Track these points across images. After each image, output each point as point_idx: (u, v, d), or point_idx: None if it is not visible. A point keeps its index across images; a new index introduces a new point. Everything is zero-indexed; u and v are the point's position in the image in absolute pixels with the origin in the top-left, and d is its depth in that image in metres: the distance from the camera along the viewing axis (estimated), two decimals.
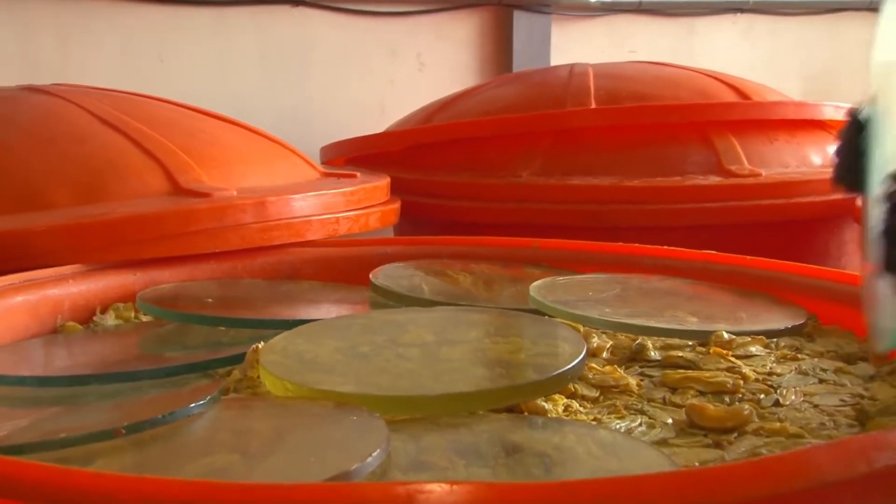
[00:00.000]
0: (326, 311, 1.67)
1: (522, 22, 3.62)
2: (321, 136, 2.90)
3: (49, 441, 1.10)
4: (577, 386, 1.31)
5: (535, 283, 1.68)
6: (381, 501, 0.85)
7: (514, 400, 1.22)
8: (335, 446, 1.08)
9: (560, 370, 1.28)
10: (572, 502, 0.86)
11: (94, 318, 1.70)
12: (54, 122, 2.00)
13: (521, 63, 3.60)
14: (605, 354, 1.47)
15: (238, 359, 1.38)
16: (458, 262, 1.93)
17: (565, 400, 1.26)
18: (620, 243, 1.97)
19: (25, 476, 0.89)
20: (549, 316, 1.53)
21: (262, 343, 1.38)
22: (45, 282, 1.67)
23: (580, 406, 1.27)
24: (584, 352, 1.33)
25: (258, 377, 1.31)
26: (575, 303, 1.61)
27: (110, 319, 1.71)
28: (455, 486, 0.85)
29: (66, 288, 1.71)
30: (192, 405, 1.17)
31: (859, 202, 2.27)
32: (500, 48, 3.63)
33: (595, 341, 1.51)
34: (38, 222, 1.73)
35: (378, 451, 1.02)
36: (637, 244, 1.95)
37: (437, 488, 0.85)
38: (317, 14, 3.24)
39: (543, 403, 1.24)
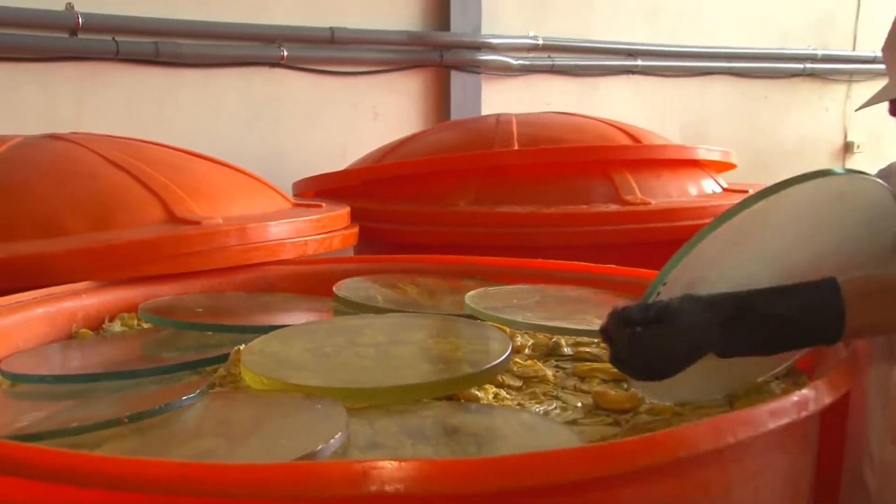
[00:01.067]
0: (297, 318, 1.65)
1: (458, 80, 3.63)
2: (293, 173, 2.88)
3: (63, 429, 1.07)
4: (504, 377, 1.30)
5: (470, 293, 1.68)
6: (342, 477, 0.84)
7: (452, 389, 1.22)
8: (304, 431, 1.07)
9: (490, 364, 1.28)
10: (499, 474, 0.85)
11: (104, 326, 1.68)
12: (70, 164, 1.96)
13: (457, 113, 3.61)
14: (527, 351, 1.48)
15: (223, 359, 1.38)
16: (406, 276, 1.93)
17: (495, 389, 1.26)
18: (540, 259, 1.99)
19: (43, 459, 0.87)
20: (482, 320, 1.53)
21: (243, 345, 1.37)
22: (61, 296, 1.65)
23: (507, 394, 1.26)
24: (510, 349, 1.33)
25: (240, 374, 1.30)
26: (502, 309, 1.60)
27: (117, 327, 1.68)
28: (403, 463, 0.84)
29: (80, 301, 1.67)
30: (184, 398, 1.15)
31: None
32: (440, 101, 3.63)
33: (519, 340, 1.51)
34: (56, 247, 1.71)
35: (339, 434, 1.02)
36: (553, 260, 1.98)
37: (388, 465, 0.83)
38: (290, 74, 3.22)
39: (477, 392, 1.23)
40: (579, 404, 1.21)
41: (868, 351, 1.33)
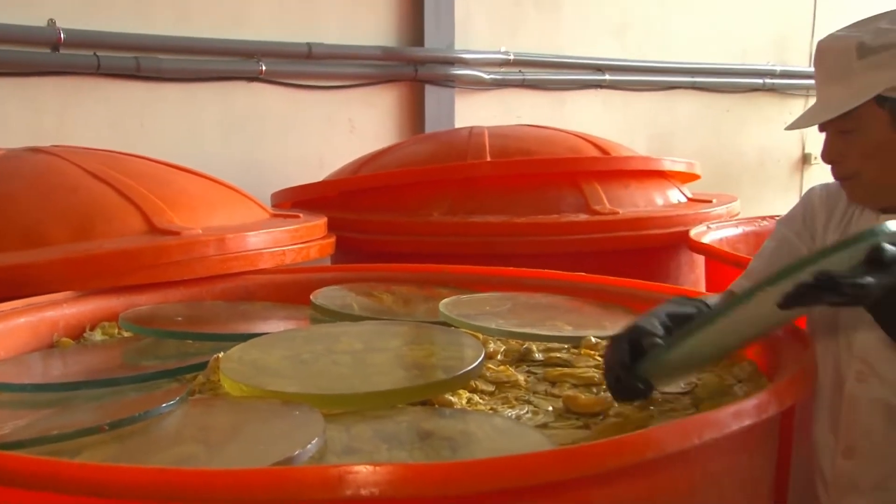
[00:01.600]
0: (275, 326, 1.64)
1: (432, 94, 3.63)
2: (271, 184, 2.87)
3: (43, 437, 1.05)
4: (477, 383, 1.30)
5: (444, 301, 1.68)
6: (318, 482, 0.83)
7: (427, 395, 1.22)
8: (281, 436, 1.06)
9: (463, 370, 1.27)
10: (472, 477, 0.85)
11: (84, 335, 1.66)
12: (51, 176, 1.94)
13: (431, 126, 3.61)
14: (499, 357, 1.47)
15: (202, 366, 1.37)
16: (381, 285, 1.92)
17: (468, 394, 1.26)
18: (511, 268, 1.99)
19: (23, 467, 0.85)
20: (455, 327, 1.53)
21: (222, 353, 1.36)
22: (43, 306, 1.63)
23: (480, 399, 1.26)
24: (482, 355, 1.33)
25: (219, 381, 1.29)
26: (475, 316, 1.61)
27: (97, 336, 1.66)
28: (378, 467, 0.84)
29: (61, 310, 1.66)
30: (164, 405, 1.14)
31: (692, 234, 2.31)
32: (414, 114, 3.63)
33: (491, 346, 1.50)
34: (38, 257, 1.69)
35: (316, 439, 1.02)
36: (524, 268, 1.98)
37: (363, 469, 0.83)
38: (268, 88, 3.21)
39: (450, 397, 1.23)
40: (550, 408, 1.22)
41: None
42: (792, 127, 1.33)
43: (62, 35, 2.68)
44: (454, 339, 1.45)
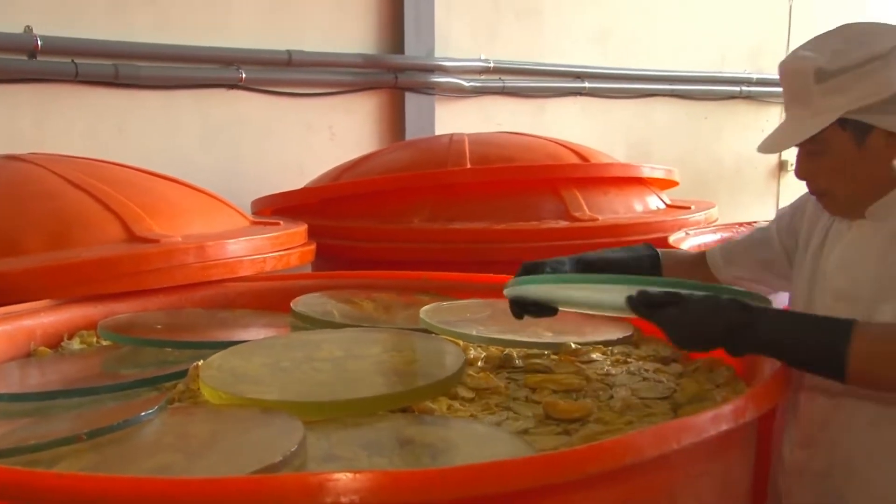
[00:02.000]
0: (255, 333, 1.63)
1: (412, 101, 3.64)
2: (251, 192, 2.86)
3: (21, 447, 1.04)
4: (457, 389, 1.30)
5: (424, 308, 1.68)
6: (299, 489, 0.83)
7: (407, 402, 1.21)
8: (261, 444, 1.06)
9: (444, 377, 1.28)
10: (452, 484, 0.85)
11: (62, 344, 1.64)
12: (29, 184, 1.92)
13: (411, 133, 3.61)
14: (479, 363, 1.47)
15: (182, 374, 1.36)
16: (362, 292, 1.92)
17: (448, 401, 1.25)
18: (492, 274, 1.99)
19: (0, 477, 0.85)
20: (436, 334, 1.53)
21: (201, 361, 1.35)
22: (20, 314, 1.61)
23: (460, 405, 1.26)
24: (462, 362, 1.33)
25: (198, 389, 1.29)
26: (456, 322, 1.60)
27: (75, 344, 1.64)
28: (358, 475, 0.83)
29: (38, 319, 1.64)
30: (143, 413, 1.13)
31: (671, 240, 2.33)
32: (395, 121, 3.63)
33: (472, 353, 1.50)
34: (15, 266, 1.67)
35: (296, 447, 1.02)
36: (504, 275, 1.97)
37: (344, 476, 0.83)
38: (248, 95, 3.19)
39: (431, 404, 1.23)
40: (531, 414, 1.22)
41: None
42: (761, 150, 1.35)
43: (39, 42, 2.66)
44: (434, 346, 1.45)
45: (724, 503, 1.13)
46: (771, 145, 1.33)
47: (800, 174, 1.33)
